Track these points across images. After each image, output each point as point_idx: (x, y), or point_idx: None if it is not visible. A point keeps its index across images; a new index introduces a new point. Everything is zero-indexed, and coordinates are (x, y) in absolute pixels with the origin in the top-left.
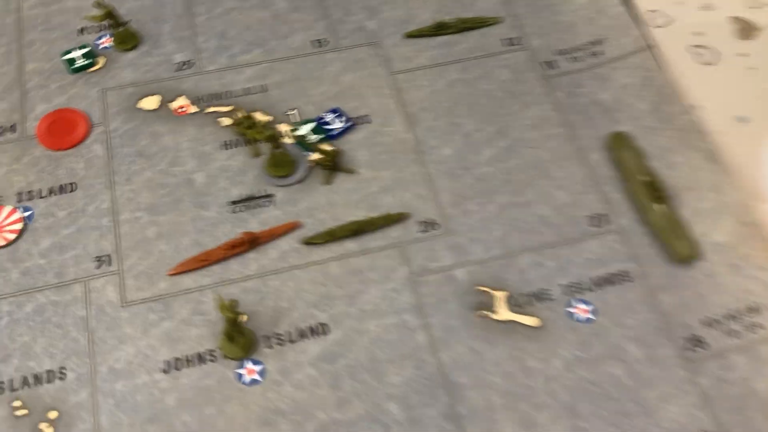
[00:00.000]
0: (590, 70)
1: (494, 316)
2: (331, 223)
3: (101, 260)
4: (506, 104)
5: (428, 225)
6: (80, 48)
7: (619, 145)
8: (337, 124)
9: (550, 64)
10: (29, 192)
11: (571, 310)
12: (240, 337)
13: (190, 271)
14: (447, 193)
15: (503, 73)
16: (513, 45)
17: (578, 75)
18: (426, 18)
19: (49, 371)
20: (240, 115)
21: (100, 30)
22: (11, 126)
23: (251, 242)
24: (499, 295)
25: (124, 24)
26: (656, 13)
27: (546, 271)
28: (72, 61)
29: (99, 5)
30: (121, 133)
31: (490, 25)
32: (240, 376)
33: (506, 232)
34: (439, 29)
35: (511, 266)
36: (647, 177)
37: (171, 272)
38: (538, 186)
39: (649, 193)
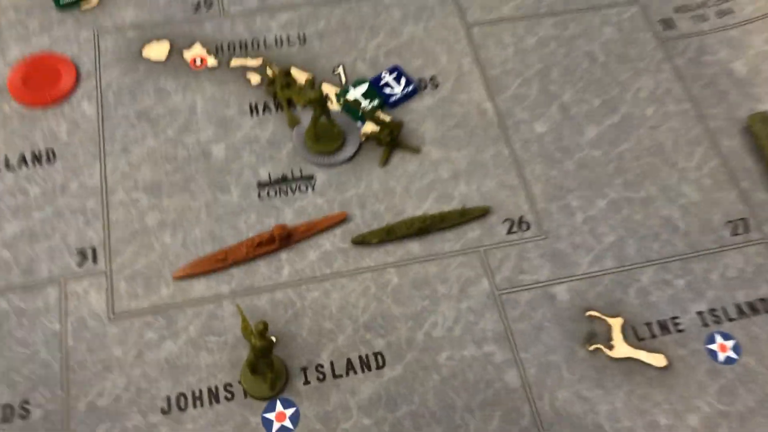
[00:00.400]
0: (719, 32)
1: (608, 352)
2: (388, 217)
3: (84, 255)
4: (613, 70)
5: (517, 224)
6: None
7: (762, 129)
8: (397, 88)
9: (667, 23)
10: None
11: (710, 346)
12: (268, 370)
13: (202, 274)
14: (541, 182)
15: (609, 31)
16: None
17: (703, 38)
18: None
19: (5, 406)
20: (274, 71)
21: None
22: None
23: (284, 239)
24: (614, 324)
25: None
26: None
27: (674, 292)
28: None
29: None
30: (118, 89)
31: None
32: (267, 423)
33: (620, 238)
34: None
35: (629, 284)
36: None
37: (177, 274)
38: (659, 178)
39: None
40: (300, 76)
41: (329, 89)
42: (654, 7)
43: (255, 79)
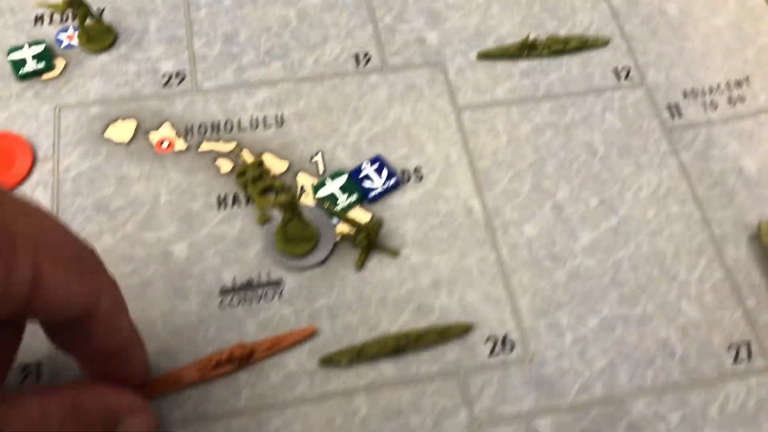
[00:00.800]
0: (729, 122)
1: None
2: (361, 331)
3: (27, 371)
4: (614, 165)
5: (501, 343)
6: (33, 45)
7: None
8: (378, 181)
9: (674, 110)
10: None
11: None
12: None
13: (151, 397)
14: (529, 294)
15: (610, 118)
16: (623, 79)
17: (712, 128)
18: (507, 32)
19: None
20: (246, 160)
21: (64, 20)
22: None
23: (244, 359)
24: None
25: (95, 16)
26: None
27: (667, 428)
28: (20, 63)
29: None
30: (76, 175)
31: (594, 47)
32: None
33: (612, 363)
34: (525, 50)
35: (618, 418)
36: None
37: None
38: (657, 293)
39: None
40: (275, 164)
41: (306, 179)
42: (661, 90)
43: (226, 166)
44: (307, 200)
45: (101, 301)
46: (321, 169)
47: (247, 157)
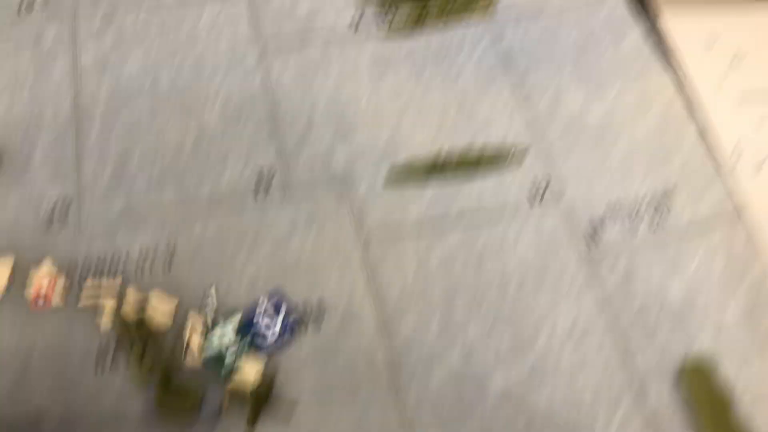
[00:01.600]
0: (652, 245)
1: None
2: None
3: None
4: (529, 297)
5: None
6: None
7: (695, 382)
8: (274, 328)
9: (593, 233)
10: None
11: None
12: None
13: None
14: None
15: (525, 244)
16: (539, 199)
17: (634, 253)
18: (419, 145)
19: None
20: (130, 304)
21: None
22: None
23: None
24: None
25: None
26: (744, 153)
27: None
28: None
29: None
30: None
31: (509, 163)
32: None
33: None
34: (436, 170)
35: None
36: None
37: None
38: None
39: None
40: (162, 305)
41: (196, 322)
42: (580, 210)
43: (106, 320)
44: (194, 355)
45: None
46: (213, 306)
47: (132, 296)
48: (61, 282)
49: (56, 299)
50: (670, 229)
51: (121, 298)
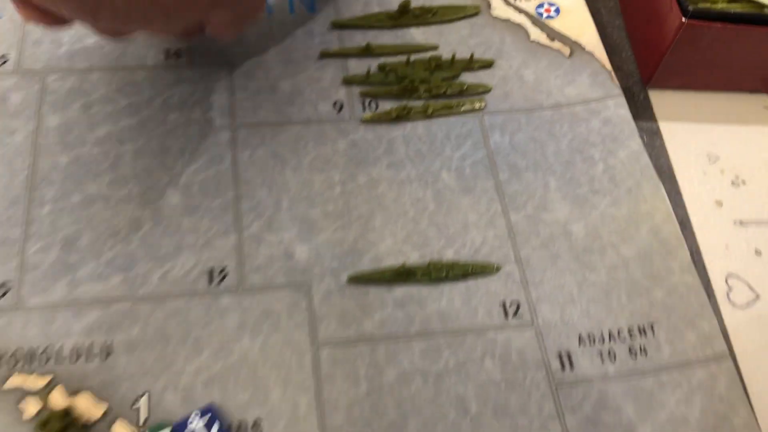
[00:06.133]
0: (627, 378)
1: None
2: None
3: None
4: (492, 423)
5: None
6: None
7: None
8: None
9: (564, 360)
10: None
11: None
12: None
13: None
14: None
15: (490, 366)
16: (511, 316)
17: (607, 385)
18: (387, 250)
19: None
20: (53, 406)
21: None
22: None
23: None
24: None
25: None
26: (735, 287)
27: None
28: None
29: None
30: None
31: (482, 274)
32: None
33: None
34: (402, 277)
35: None
36: None
37: None
38: None
39: None
40: (89, 409)
41: (124, 428)
42: (553, 333)
43: (31, 408)
44: None
45: None
46: (143, 417)
47: (58, 398)
48: None
49: None
50: (648, 363)
51: (48, 391)
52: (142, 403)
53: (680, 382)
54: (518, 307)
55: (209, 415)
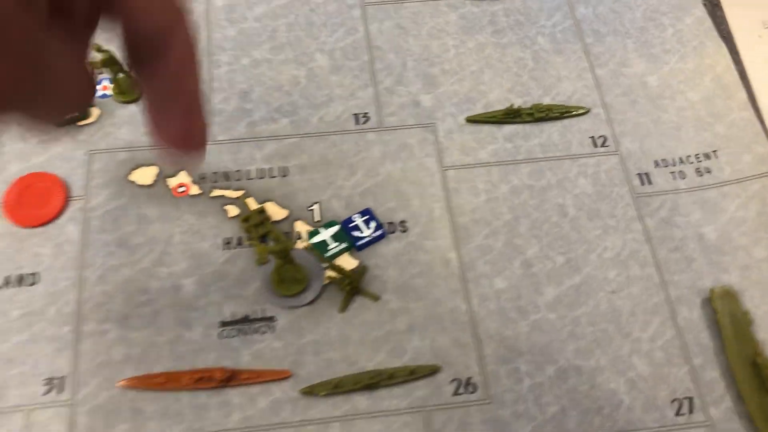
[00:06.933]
0: (695, 192)
1: None
2: (341, 367)
3: (51, 385)
4: (582, 227)
5: (464, 385)
6: None
7: (723, 305)
8: (366, 232)
9: (644, 178)
10: None
11: None
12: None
13: (142, 388)
14: (494, 342)
15: (583, 183)
16: (599, 146)
17: (678, 197)
18: (495, 98)
19: None
20: (250, 207)
21: (99, 73)
22: None
23: (223, 381)
24: None
25: (126, 71)
26: None
27: None
28: None
29: (99, 50)
30: (103, 213)
31: (575, 116)
32: None
33: (563, 409)
34: (510, 116)
35: None
36: (755, 356)
37: (121, 383)
38: (611, 347)
39: (757, 379)
40: (275, 212)
41: (302, 227)
42: (634, 158)
43: (233, 211)
44: (302, 246)
45: (180, 28)
46: (317, 218)
47: (252, 204)
48: (195, 186)
49: (194, 189)
50: (712, 179)
51: (243, 202)
52: (315, 208)
53: (738, 193)
54: (605, 140)
55: (367, 215)
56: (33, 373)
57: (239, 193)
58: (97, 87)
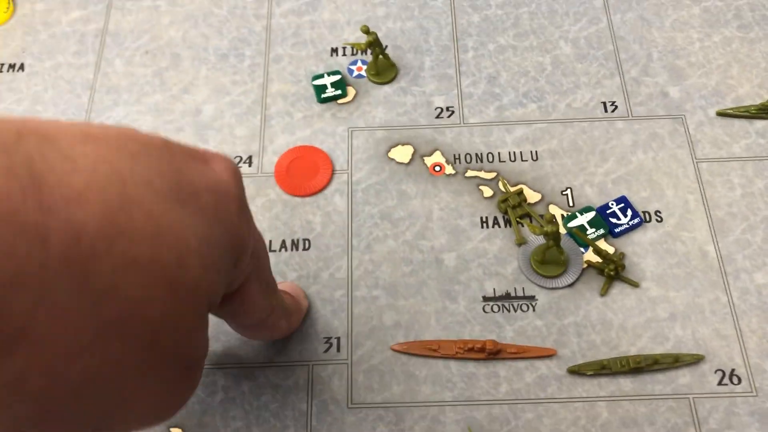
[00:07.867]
0: None
1: None
2: (603, 350)
3: (330, 343)
4: None
5: (728, 376)
6: (331, 74)
7: None
8: (623, 219)
9: None
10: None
11: None
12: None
13: (414, 353)
14: (757, 337)
15: None
16: None
17: None
18: (745, 93)
19: None
20: (507, 188)
21: (356, 54)
22: (248, 158)
23: (492, 353)
24: None
25: (383, 53)
26: None
27: None
28: (322, 88)
29: (367, 32)
30: (365, 187)
31: None
32: None
33: None
34: (765, 111)
35: None
36: None
37: (395, 347)
38: None
39: None
40: (529, 196)
41: (556, 211)
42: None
43: (487, 192)
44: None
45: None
46: (570, 203)
47: (507, 186)
48: (450, 165)
49: (449, 169)
50: None
51: (495, 183)
52: (568, 193)
53: None
54: None
55: (623, 203)
56: (312, 331)
57: (492, 175)
58: (353, 67)
